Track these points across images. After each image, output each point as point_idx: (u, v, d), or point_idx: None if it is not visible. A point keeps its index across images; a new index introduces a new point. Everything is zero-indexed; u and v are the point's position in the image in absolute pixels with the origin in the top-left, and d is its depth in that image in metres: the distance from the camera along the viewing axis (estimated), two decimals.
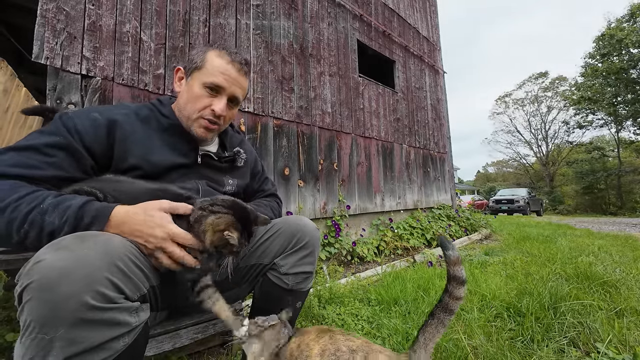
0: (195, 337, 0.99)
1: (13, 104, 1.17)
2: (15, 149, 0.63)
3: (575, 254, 2.76)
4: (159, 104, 0.89)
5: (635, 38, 16.72)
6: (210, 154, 0.92)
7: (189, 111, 0.85)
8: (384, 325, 1.39)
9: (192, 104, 0.85)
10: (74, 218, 0.57)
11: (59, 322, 0.45)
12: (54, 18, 1.57)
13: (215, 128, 0.88)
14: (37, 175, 0.62)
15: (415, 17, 5.10)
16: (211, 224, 0.65)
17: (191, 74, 0.86)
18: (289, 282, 0.91)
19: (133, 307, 0.55)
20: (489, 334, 1.27)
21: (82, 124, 0.71)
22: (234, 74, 0.85)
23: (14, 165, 0.61)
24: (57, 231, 0.56)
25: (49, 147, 0.65)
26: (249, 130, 2.45)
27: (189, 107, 0.85)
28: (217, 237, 0.65)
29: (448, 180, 5.34)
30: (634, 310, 1.46)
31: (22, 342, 0.46)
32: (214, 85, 0.83)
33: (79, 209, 0.58)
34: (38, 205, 0.57)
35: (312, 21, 3.16)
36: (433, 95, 5.31)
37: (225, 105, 0.86)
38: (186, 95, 0.86)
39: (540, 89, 29.55)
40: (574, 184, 23.68)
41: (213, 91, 0.84)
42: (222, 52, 0.85)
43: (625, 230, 6.03)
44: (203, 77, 0.83)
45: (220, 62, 0.84)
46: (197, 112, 0.85)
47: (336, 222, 2.93)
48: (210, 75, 0.83)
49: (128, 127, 0.78)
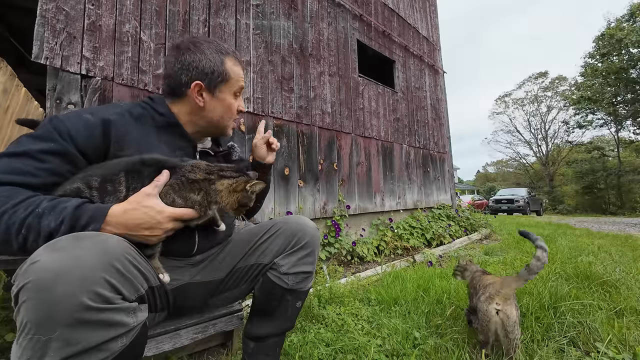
0: (195, 337, 0.99)
1: (13, 103, 1.16)
2: (8, 155, 0.62)
3: (575, 254, 2.76)
4: (152, 102, 0.86)
5: (635, 38, 16.71)
6: (207, 150, 0.94)
7: (227, 120, 0.92)
8: (384, 325, 1.39)
9: (229, 112, 0.91)
10: (70, 219, 0.57)
11: (55, 322, 0.45)
12: (53, 18, 1.57)
13: None
14: (32, 182, 0.61)
15: (415, 17, 5.10)
16: (231, 185, 0.76)
17: (218, 87, 0.86)
18: (289, 281, 0.91)
19: (131, 308, 0.55)
20: None
21: (74, 128, 0.68)
22: (243, 74, 0.94)
23: (8, 173, 0.60)
24: (54, 233, 0.56)
25: (42, 153, 0.63)
26: (249, 130, 2.45)
27: (226, 117, 0.91)
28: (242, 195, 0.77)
29: (448, 180, 5.34)
30: (634, 309, 1.46)
31: (19, 343, 0.46)
32: (240, 91, 0.92)
33: (75, 210, 0.58)
34: (34, 209, 0.56)
35: (312, 21, 3.16)
36: (433, 95, 5.31)
37: None
38: (220, 108, 0.89)
39: (540, 89, 29.56)
40: (573, 184, 23.66)
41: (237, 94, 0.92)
42: (233, 59, 0.90)
43: (625, 230, 6.03)
44: (233, 88, 0.89)
45: (237, 70, 0.90)
46: (233, 118, 0.93)
47: (336, 222, 2.93)
48: (237, 83, 0.90)
49: (122, 127, 0.76)
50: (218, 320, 1.06)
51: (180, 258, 0.86)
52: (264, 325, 0.95)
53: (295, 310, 0.97)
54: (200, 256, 0.90)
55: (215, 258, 0.94)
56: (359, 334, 1.31)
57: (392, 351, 1.19)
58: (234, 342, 1.22)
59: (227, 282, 0.94)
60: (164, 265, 0.79)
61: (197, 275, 0.88)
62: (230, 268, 0.93)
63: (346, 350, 1.20)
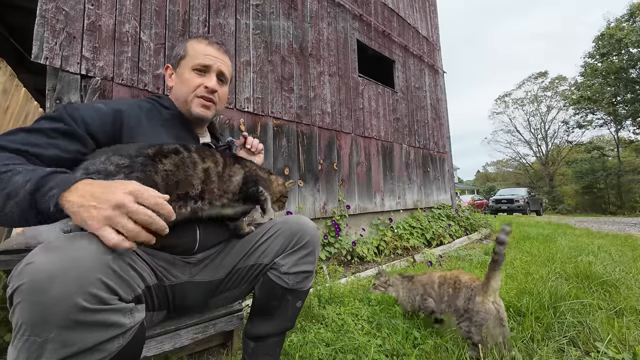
0: (195, 337, 0.99)
1: (12, 103, 1.16)
2: (24, 130, 0.66)
3: (574, 254, 2.76)
4: (158, 98, 0.96)
5: (634, 38, 16.72)
6: (209, 144, 0.98)
7: (185, 94, 0.92)
8: (383, 325, 1.39)
9: (185, 87, 0.91)
10: (37, 181, 0.53)
11: (50, 324, 0.45)
12: (53, 18, 1.57)
13: (212, 105, 0.95)
14: (38, 152, 0.64)
15: (415, 16, 5.10)
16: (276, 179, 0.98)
17: (178, 65, 0.94)
18: (289, 281, 0.91)
19: (127, 308, 0.55)
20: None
21: (88, 114, 0.74)
22: (215, 52, 0.93)
23: (21, 143, 0.63)
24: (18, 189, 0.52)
25: (54, 131, 0.68)
26: (249, 130, 2.44)
27: (183, 90, 0.92)
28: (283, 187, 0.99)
29: (448, 180, 5.34)
30: (634, 309, 1.46)
31: (14, 344, 0.45)
32: (201, 67, 0.91)
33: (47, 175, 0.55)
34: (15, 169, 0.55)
35: (312, 21, 3.16)
36: (433, 95, 5.31)
37: (216, 80, 0.93)
38: (180, 84, 0.93)
39: (540, 89, 29.56)
40: (573, 184, 23.66)
41: (202, 72, 0.92)
42: (198, 38, 0.94)
43: (625, 229, 6.03)
44: (189, 63, 0.91)
45: (199, 45, 0.92)
46: (192, 92, 0.91)
47: (336, 222, 2.93)
48: (195, 59, 0.91)
49: (134, 117, 0.82)
50: (218, 320, 1.06)
51: (181, 255, 0.86)
52: (264, 324, 0.95)
53: (296, 310, 0.97)
54: (201, 255, 0.90)
55: (215, 258, 0.93)
56: (359, 333, 1.32)
57: (392, 351, 1.19)
58: (234, 342, 1.22)
59: (227, 282, 0.94)
60: (163, 261, 0.79)
61: (196, 274, 0.88)
62: (230, 268, 0.93)
63: (346, 350, 1.20)
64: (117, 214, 0.51)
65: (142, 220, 0.53)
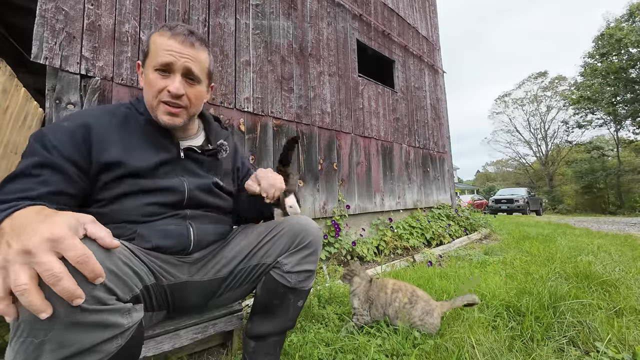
0: (195, 337, 0.99)
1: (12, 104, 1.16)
2: (9, 179, 0.65)
3: (574, 254, 2.77)
4: (137, 102, 0.88)
5: (634, 37, 16.75)
6: (193, 148, 0.90)
7: (149, 99, 0.82)
8: (383, 325, 1.39)
9: (150, 90, 0.80)
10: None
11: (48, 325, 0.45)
12: (53, 18, 1.57)
13: (180, 111, 0.82)
14: (32, 195, 0.63)
15: (415, 16, 5.10)
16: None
17: (144, 64, 0.83)
18: (291, 280, 0.91)
19: (125, 309, 0.54)
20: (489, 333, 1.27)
21: (56, 138, 0.70)
22: (178, 47, 0.79)
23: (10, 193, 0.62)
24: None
25: (34, 167, 0.66)
26: (249, 130, 2.44)
27: (149, 94, 0.81)
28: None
29: (448, 180, 5.35)
30: (633, 309, 1.46)
31: (12, 345, 0.45)
32: (162, 66, 0.78)
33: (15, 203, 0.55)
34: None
35: (312, 21, 3.16)
36: (432, 95, 5.31)
37: (180, 82, 0.79)
38: (145, 84, 0.82)
39: (540, 89, 29.59)
40: (573, 184, 23.68)
41: (165, 72, 0.79)
42: (162, 30, 0.80)
43: (625, 229, 6.04)
44: (152, 62, 0.79)
45: (161, 40, 0.79)
46: (155, 98, 0.80)
47: (336, 221, 2.93)
48: (156, 57, 0.78)
49: (101, 128, 0.77)
50: (218, 320, 1.06)
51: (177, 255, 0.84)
52: (265, 324, 0.95)
53: (297, 309, 0.97)
54: (198, 254, 0.89)
55: (214, 257, 0.93)
56: (358, 333, 1.32)
57: (391, 351, 1.19)
58: (234, 342, 1.22)
59: (230, 282, 0.94)
60: (159, 261, 0.78)
61: (195, 274, 0.88)
62: (232, 268, 0.93)
63: (346, 350, 1.19)
64: (19, 260, 0.41)
65: (45, 278, 0.41)
